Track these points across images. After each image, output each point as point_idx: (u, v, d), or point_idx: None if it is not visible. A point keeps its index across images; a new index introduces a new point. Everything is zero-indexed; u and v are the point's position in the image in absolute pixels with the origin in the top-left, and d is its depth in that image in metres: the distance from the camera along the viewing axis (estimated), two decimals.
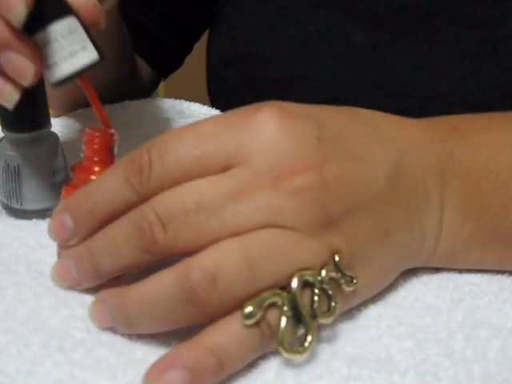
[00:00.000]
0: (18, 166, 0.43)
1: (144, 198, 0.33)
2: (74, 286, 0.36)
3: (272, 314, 0.31)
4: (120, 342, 0.33)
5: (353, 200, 0.33)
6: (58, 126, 0.54)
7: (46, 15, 0.35)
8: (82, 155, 0.38)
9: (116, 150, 0.39)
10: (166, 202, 0.32)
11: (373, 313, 0.36)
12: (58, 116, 0.58)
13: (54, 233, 0.36)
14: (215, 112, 0.63)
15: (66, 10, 0.36)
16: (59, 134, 0.45)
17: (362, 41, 0.58)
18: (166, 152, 0.32)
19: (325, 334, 0.34)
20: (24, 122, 0.43)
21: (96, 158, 0.38)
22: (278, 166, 0.32)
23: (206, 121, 0.34)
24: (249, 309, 0.31)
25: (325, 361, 0.32)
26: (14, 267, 0.39)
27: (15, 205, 0.44)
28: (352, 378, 0.32)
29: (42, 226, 0.43)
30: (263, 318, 0.31)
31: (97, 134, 0.38)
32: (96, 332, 0.34)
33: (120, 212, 0.33)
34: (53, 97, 0.45)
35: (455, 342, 0.34)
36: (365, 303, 0.36)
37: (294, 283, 0.31)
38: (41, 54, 0.36)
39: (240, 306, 0.31)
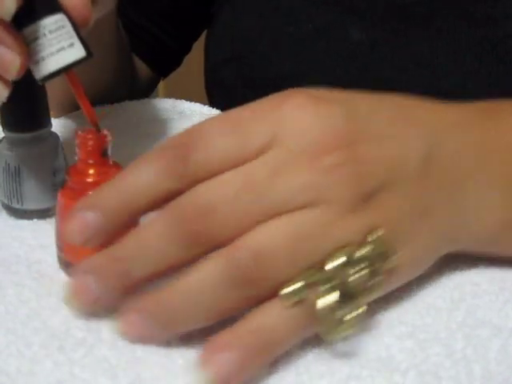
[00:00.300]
0: (18, 166, 0.43)
1: (186, 186, 0.32)
2: (89, 305, 0.33)
3: (314, 293, 0.31)
4: (121, 342, 0.33)
5: (388, 177, 0.34)
6: (59, 126, 0.54)
7: (35, 11, 0.36)
8: (76, 158, 0.38)
9: (110, 152, 0.38)
10: (207, 193, 0.32)
11: (373, 312, 0.36)
12: (58, 116, 0.58)
13: (76, 230, 0.33)
14: (216, 112, 0.63)
15: (55, 7, 0.36)
16: (59, 134, 0.45)
17: (361, 39, 0.58)
18: (207, 139, 0.33)
19: None
20: (24, 122, 0.43)
21: (90, 161, 0.37)
22: (312, 148, 0.32)
23: (241, 108, 0.34)
24: (290, 288, 0.31)
25: (326, 360, 0.33)
26: (15, 267, 0.39)
27: (16, 205, 0.44)
28: (353, 377, 0.32)
29: (42, 226, 0.43)
30: (306, 296, 0.31)
31: (90, 136, 0.37)
32: (96, 331, 0.34)
33: (158, 205, 0.33)
34: (53, 97, 0.45)
35: (456, 341, 0.34)
36: None
37: (336, 261, 0.31)
38: (28, 49, 0.36)
39: (283, 285, 0.31)
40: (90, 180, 0.37)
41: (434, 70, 0.56)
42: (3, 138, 0.44)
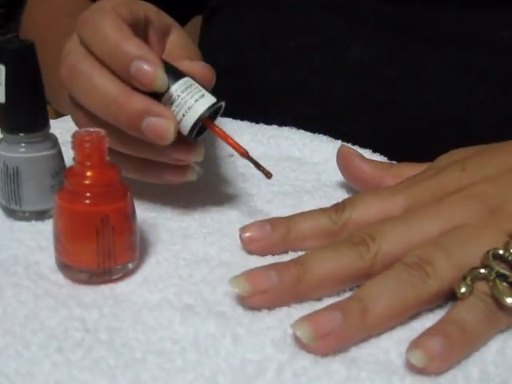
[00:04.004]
0: (16, 167, 0.43)
1: (339, 228, 0.41)
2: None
3: (483, 286, 0.35)
4: (119, 342, 0.33)
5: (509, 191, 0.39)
6: (57, 127, 0.54)
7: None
8: (73, 160, 0.38)
9: (107, 153, 0.38)
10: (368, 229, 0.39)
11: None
12: (56, 118, 0.58)
13: (250, 229, 0.41)
14: None
15: (180, 74, 0.41)
16: (58, 136, 0.45)
17: (362, 56, 0.57)
18: (357, 201, 0.42)
19: None
20: (23, 123, 0.43)
21: (88, 163, 0.37)
22: (439, 192, 0.40)
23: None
24: (463, 288, 0.35)
25: (324, 362, 0.33)
26: (13, 269, 0.39)
27: (14, 206, 0.44)
28: (351, 379, 0.32)
29: (40, 227, 0.43)
30: (479, 289, 0.35)
31: (87, 137, 0.37)
32: (94, 332, 0.34)
33: (312, 235, 0.41)
34: (51, 98, 0.45)
35: None
36: None
37: (489, 259, 0.36)
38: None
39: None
40: (87, 182, 0.37)
41: (437, 94, 0.55)
42: (1, 139, 0.44)
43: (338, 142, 0.55)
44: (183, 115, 0.40)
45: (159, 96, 0.40)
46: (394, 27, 0.56)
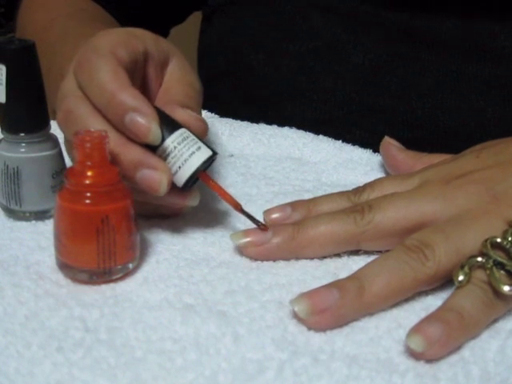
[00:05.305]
0: (17, 167, 0.43)
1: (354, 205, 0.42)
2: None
3: (481, 273, 0.36)
4: (119, 342, 0.33)
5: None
6: (58, 127, 0.54)
7: (163, 132, 0.40)
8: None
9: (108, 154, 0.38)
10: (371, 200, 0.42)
11: (372, 316, 0.36)
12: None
13: (273, 211, 0.43)
14: (215, 116, 0.63)
15: (176, 125, 0.40)
16: (59, 136, 0.45)
17: (363, 62, 0.57)
18: (374, 184, 0.44)
19: (324, 334, 0.34)
20: (23, 123, 0.43)
21: (89, 163, 0.37)
22: (449, 175, 0.41)
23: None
24: (460, 276, 0.36)
25: (324, 361, 0.33)
26: (13, 269, 0.39)
27: (14, 206, 0.44)
28: (352, 378, 0.32)
29: (41, 227, 0.43)
30: (476, 277, 0.36)
31: (88, 137, 0.37)
32: (95, 331, 0.34)
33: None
34: (52, 99, 0.45)
35: None
36: None
37: (487, 248, 0.36)
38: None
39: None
40: (87, 182, 0.37)
41: (437, 103, 0.55)
42: (2, 139, 0.44)
43: (338, 142, 0.55)
44: (179, 167, 0.40)
45: (155, 147, 0.40)
46: (396, 34, 0.56)
